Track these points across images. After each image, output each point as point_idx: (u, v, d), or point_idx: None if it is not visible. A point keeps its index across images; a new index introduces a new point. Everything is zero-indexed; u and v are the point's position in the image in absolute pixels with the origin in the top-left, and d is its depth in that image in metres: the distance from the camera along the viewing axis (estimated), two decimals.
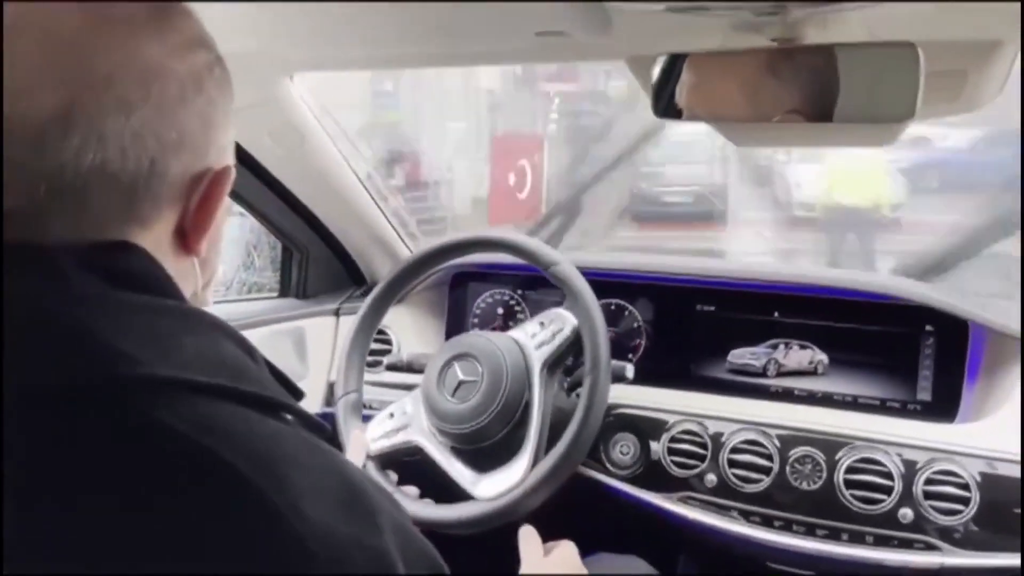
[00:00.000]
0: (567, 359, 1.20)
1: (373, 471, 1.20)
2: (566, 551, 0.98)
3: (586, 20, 0.84)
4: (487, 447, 1.16)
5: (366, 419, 1.26)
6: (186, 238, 0.54)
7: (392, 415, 1.24)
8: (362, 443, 1.20)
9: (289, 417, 0.51)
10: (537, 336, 1.18)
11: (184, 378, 0.46)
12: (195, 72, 0.52)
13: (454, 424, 1.15)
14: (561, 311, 1.19)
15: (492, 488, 1.12)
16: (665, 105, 0.93)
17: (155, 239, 0.52)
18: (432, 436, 1.19)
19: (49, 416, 0.43)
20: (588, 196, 6.20)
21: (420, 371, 1.25)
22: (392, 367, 1.34)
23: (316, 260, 1.60)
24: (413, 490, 1.21)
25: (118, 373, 0.44)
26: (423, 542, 0.52)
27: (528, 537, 0.99)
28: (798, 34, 0.81)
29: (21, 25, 0.47)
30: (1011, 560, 1.04)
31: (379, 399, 1.37)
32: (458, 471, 1.16)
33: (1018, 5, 0.74)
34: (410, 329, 1.51)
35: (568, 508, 1.13)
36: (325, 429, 0.55)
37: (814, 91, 0.81)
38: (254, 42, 1.01)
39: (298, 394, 0.57)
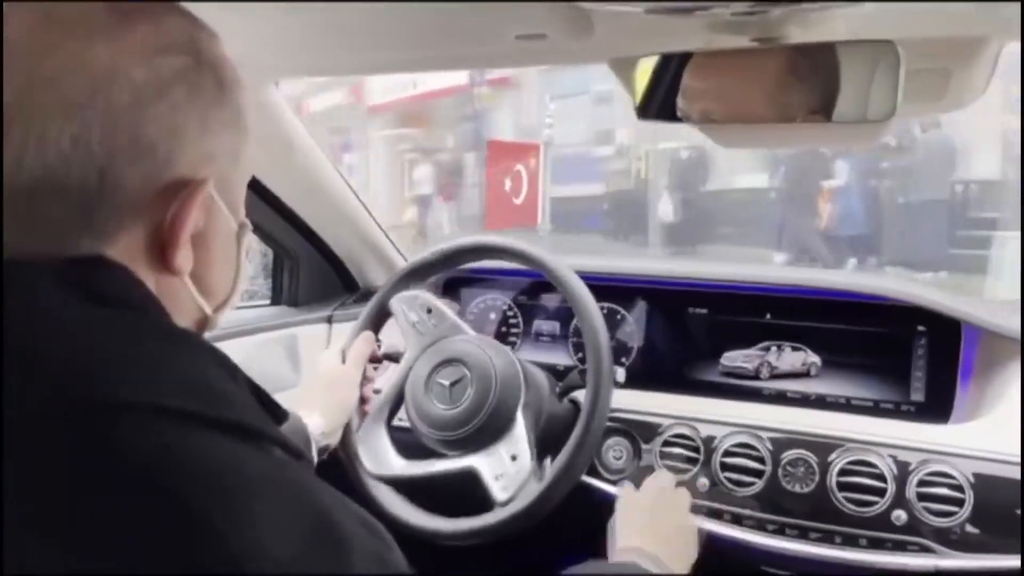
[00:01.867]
0: None
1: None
2: (660, 479, 1.12)
3: (567, 23, 0.84)
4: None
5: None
6: (163, 253, 0.52)
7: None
8: (365, 348, 1.19)
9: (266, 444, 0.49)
10: None
11: (152, 402, 0.44)
12: (158, 77, 0.49)
13: (440, 430, 1.14)
14: None
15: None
16: (654, 106, 0.92)
17: (124, 253, 0.50)
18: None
19: (11, 437, 0.42)
20: None
21: (397, 360, 1.25)
22: (389, 357, 1.31)
23: (308, 267, 1.60)
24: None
25: (81, 394, 0.43)
26: (403, 570, 0.49)
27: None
28: (779, 33, 0.81)
29: None
30: (1007, 561, 1.03)
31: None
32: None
33: (1000, 4, 0.74)
34: (398, 335, 1.50)
35: (560, 513, 1.12)
36: (304, 455, 0.53)
37: (829, 92, 0.81)
38: (239, 48, 1.01)
39: (282, 416, 0.55)
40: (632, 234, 9.29)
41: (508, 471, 1.11)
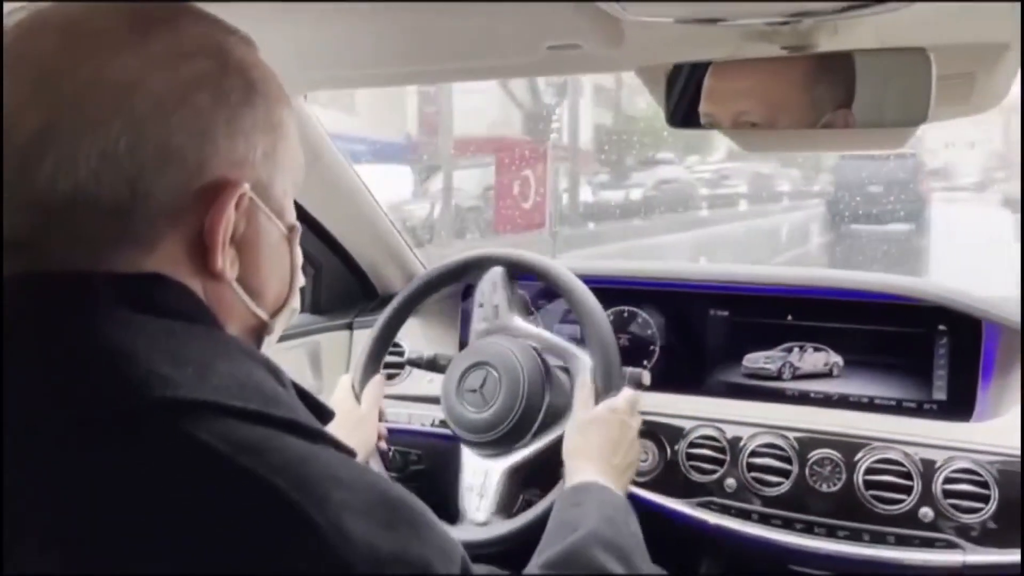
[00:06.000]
0: None
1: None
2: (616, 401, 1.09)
3: (598, 33, 0.86)
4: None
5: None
6: (205, 259, 0.52)
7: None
8: (378, 391, 1.22)
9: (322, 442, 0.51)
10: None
11: (220, 402, 0.46)
12: (180, 83, 0.49)
13: (476, 433, 1.16)
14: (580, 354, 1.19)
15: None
16: (684, 113, 0.93)
17: (166, 261, 0.51)
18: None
19: (91, 441, 0.43)
20: None
21: (441, 371, 1.26)
22: (413, 363, 1.34)
23: (329, 275, 1.61)
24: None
25: (156, 395, 0.44)
26: (461, 546, 0.52)
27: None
28: (809, 42, 0.82)
29: (12, 49, 0.48)
30: None
31: (394, 410, 1.38)
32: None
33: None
34: (422, 339, 1.52)
35: None
36: (354, 454, 0.55)
37: (855, 87, 0.81)
38: (268, 62, 1.03)
39: (327, 416, 0.57)
40: None
41: None
